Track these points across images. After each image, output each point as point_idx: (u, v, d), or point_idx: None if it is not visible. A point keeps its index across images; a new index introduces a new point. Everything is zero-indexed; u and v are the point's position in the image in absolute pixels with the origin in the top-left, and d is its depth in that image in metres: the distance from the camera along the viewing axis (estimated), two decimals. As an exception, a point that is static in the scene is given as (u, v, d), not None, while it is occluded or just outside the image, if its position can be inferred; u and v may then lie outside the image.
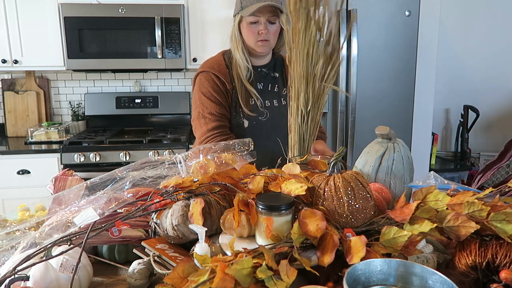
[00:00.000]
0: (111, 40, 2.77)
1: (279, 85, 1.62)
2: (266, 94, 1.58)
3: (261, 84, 1.58)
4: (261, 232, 0.82)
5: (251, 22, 1.46)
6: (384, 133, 1.10)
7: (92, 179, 0.98)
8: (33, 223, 0.93)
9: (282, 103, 1.59)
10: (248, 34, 1.49)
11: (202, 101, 1.53)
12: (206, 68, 1.55)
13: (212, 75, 1.52)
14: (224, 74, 1.52)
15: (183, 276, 0.68)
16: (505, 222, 0.72)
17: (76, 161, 2.60)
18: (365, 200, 0.83)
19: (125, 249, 0.96)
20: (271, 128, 1.55)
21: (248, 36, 1.49)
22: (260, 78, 1.58)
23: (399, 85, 2.59)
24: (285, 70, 1.63)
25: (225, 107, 1.53)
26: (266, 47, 1.52)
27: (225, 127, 1.53)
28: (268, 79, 1.60)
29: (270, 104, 1.57)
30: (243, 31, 1.50)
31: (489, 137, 3.50)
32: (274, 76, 1.62)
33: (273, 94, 1.60)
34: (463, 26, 3.36)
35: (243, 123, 1.53)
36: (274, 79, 1.62)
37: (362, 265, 0.65)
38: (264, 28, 1.46)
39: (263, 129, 1.54)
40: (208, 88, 1.52)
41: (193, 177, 0.96)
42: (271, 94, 1.59)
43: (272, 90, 1.60)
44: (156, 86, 3.28)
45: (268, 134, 1.53)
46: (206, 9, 2.86)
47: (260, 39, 1.48)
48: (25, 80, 3.10)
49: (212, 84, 1.51)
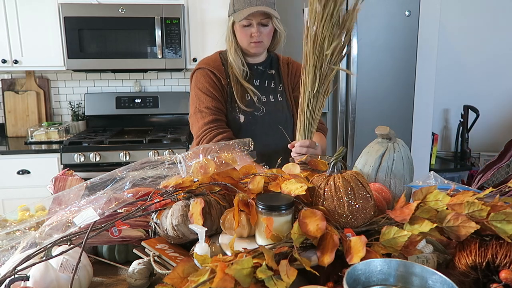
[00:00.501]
0: (111, 40, 2.77)
1: (276, 82, 1.65)
2: (262, 90, 1.60)
3: (258, 81, 1.61)
4: (261, 232, 0.82)
5: (244, 25, 1.48)
6: (384, 133, 1.10)
7: (92, 179, 0.98)
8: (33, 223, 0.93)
9: (279, 99, 1.63)
10: (241, 36, 1.51)
11: (199, 96, 1.55)
12: (202, 65, 1.58)
13: (208, 71, 1.56)
14: (219, 70, 1.56)
15: (183, 276, 0.68)
16: (505, 222, 0.72)
17: (76, 161, 2.60)
18: (365, 200, 0.83)
19: (125, 249, 0.96)
20: (267, 123, 1.58)
21: (241, 38, 1.52)
22: (257, 75, 1.61)
23: (399, 85, 2.59)
24: (280, 68, 1.66)
25: (221, 102, 1.55)
26: (260, 48, 1.54)
27: (222, 121, 1.55)
28: (265, 76, 1.63)
29: (267, 99, 1.60)
30: (236, 33, 1.53)
31: (489, 137, 3.50)
32: (271, 73, 1.65)
33: (270, 90, 1.62)
34: (463, 26, 3.36)
35: (239, 118, 1.55)
36: (270, 76, 1.64)
37: (362, 265, 0.65)
38: (257, 31, 1.48)
39: (259, 124, 1.57)
40: (204, 83, 1.55)
41: (193, 177, 0.96)
42: (268, 90, 1.62)
43: (269, 86, 1.63)
44: (156, 86, 3.28)
45: (264, 129, 1.56)
46: (206, 9, 2.86)
47: (253, 41, 1.50)
48: (25, 80, 3.10)
49: (208, 79, 1.54)
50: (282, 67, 1.66)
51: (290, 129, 1.63)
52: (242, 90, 1.56)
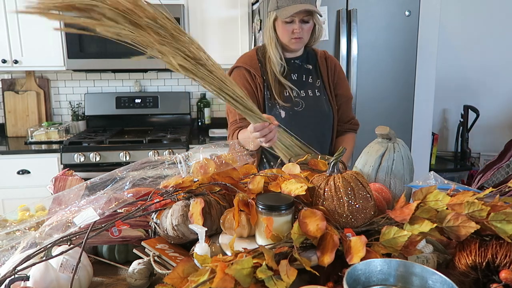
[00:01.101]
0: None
1: (313, 77, 1.65)
2: (300, 84, 1.62)
3: (295, 75, 1.62)
4: (261, 232, 0.82)
5: (286, 22, 1.50)
6: (384, 133, 1.10)
7: (92, 179, 0.98)
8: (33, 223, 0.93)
9: (317, 94, 1.63)
10: (283, 32, 1.53)
11: None
12: (239, 63, 1.63)
13: (244, 70, 1.60)
14: (255, 68, 1.59)
15: (183, 276, 0.69)
16: (505, 222, 0.72)
17: (76, 161, 2.60)
18: (365, 200, 0.83)
19: (125, 249, 0.96)
20: (307, 117, 1.59)
21: (282, 34, 1.53)
22: (294, 69, 1.63)
23: (399, 85, 2.59)
24: (318, 63, 1.67)
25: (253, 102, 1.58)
26: (300, 44, 1.56)
27: None
28: (302, 70, 1.64)
29: (305, 94, 1.61)
30: (277, 29, 1.54)
31: (489, 137, 3.50)
32: (308, 67, 1.65)
33: (308, 85, 1.63)
34: (463, 26, 3.36)
35: (280, 114, 1.57)
36: (308, 71, 1.65)
37: (362, 265, 0.65)
38: (299, 28, 1.50)
39: (299, 119, 1.58)
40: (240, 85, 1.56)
41: (193, 177, 0.96)
42: (306, 84, 1.63)
43: (307, 81, 1.63)
44: (156, 86, 3.28)
45: (305, 124, 1.58)
46: (206, 9, 2.86)
47: (294, 37, 1.52)
48: (25, 80, 3.10)
49: (243, 80, 1.59)
50: (320, 62, 1.66)
51: (330, 124, 1.64)
52: (280, 86, 1.58)
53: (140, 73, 3.22)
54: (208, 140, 2.92)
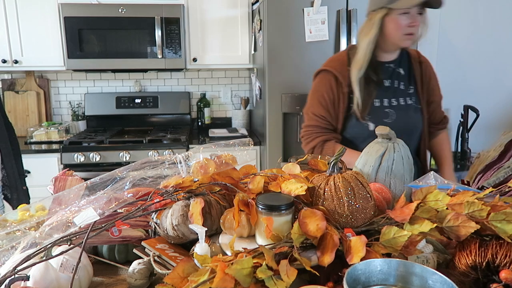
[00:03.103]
0: (111, 40, 2.77)
1: (405, 83, 1.52)
2: (392, 92, 1.50)
3: (388, 81, 1.50)
4: (261, 232, 0.82)
5: (403, 13, 1.36)
6: (384, 133, 1.10)
7: (92, 179, 0.98)
8: (33, 223, 0.93)
9: (408, 102, 1.51)
10: (396, 27, 1.38)
11: (312, 99, 1.56)
12: (328, 67, 1.52)
13: (331, 77, 1.49)
14: (343, 75, 1.47)
15: (183, 276, 0.69)
16: (505, 222, 0.72)
17: (76, 161, 2.60)
18: (365, 200, 0.83)
19: (125, 249, 0.96)
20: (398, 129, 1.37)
21: (395, 29, 1.39)
22: (387, 74, 1.50)
23: (399, 85, 2.59)
24: (412, 67, 1.54)
25: (330, 112, 1.51)
26: (411, 41, 1.43)
27: (322, 128, 1.52)
28: (394, 76, 1.52)
29: (397, 103, 1.50)
30: (388, 25, 1.40)
31: (489, 137, 3.50)
32: (400, 72, 1.53)
33: (399, 92, 1.51)
34: (463, 26, 3.36)
35: (367, 126, 1.46)
36: (400, 76, 1.52)
37: (362, 265, 0.65)
38: (415, 21, 1.37)
39: None
40: (322, 90, 1.52)
41: (193, 177, 0.96)
42: (398, 92, 1.51)
43: (398, 88, 1.51)
44: (156, 86, 3.28)
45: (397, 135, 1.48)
46: (206, 9, 2.86)
47: (407, 32, 1.38)
48: (25, 80, 3.10)
49: (327, 88, 1.50)
50: (414, 66, 1.54)
51: (418, 134, 1.55)
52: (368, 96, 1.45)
53: (140, 73, 3.22)
54: (208, 140, 2.92)
